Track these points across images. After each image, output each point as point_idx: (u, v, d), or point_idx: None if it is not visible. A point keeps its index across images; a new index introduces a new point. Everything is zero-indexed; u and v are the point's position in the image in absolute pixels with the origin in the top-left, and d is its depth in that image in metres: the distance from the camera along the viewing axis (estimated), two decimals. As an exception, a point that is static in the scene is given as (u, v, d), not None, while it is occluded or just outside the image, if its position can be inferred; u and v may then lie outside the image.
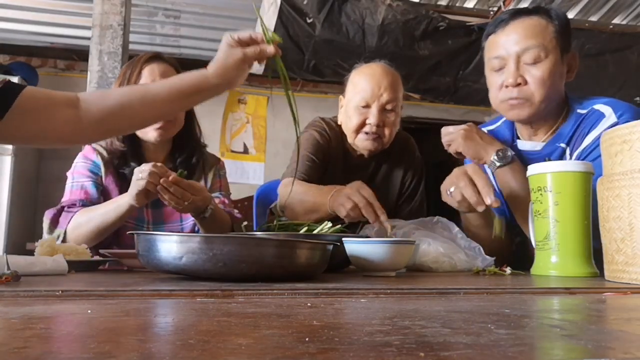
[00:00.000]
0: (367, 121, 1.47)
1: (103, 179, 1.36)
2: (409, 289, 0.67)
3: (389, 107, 1.47)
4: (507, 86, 1.24)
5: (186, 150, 1.45)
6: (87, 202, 1.31)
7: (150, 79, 1.33)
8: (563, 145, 1.27)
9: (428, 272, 1.09)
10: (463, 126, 1.28)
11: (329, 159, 1.57)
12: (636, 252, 0.79)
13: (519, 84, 1.23)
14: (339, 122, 1.62)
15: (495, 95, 1.29)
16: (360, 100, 1.48)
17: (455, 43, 3.53)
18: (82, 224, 1.23)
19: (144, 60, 1.36)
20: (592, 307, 0.56)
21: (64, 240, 1.23)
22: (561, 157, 1.26)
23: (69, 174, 1.38)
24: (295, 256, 0.76)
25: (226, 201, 1.48)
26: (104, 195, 1.36)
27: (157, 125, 1.32)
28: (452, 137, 1.29)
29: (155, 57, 1.39)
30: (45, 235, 1.25)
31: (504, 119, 1.41)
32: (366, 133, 1.49)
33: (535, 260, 1.04)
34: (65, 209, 1.28)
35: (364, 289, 0.65)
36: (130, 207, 1.20)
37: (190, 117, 1.47)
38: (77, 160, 1.39)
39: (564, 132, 1.27)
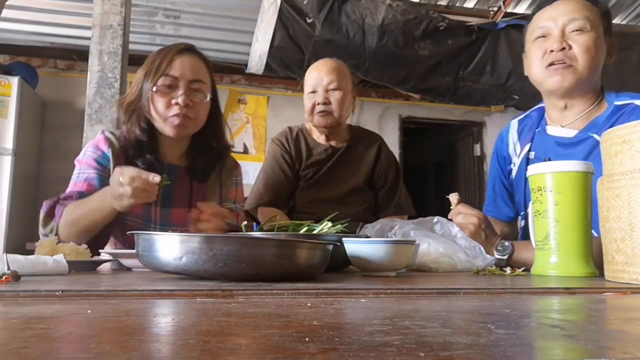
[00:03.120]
0: (316, 102, 1.74)
1: (111, 171, 1.29)
2: (409, 289, 0.67)
3: (331, 87, 1.74)
4: (552, 51, 1.24)
5: (205, 151, 1.39)
6: (87, 195, 1.25)
7: (180, 71, 1.29)
8: (596, 136, 1.23)
9: (428, 272, 1.09)
10: (472, 220, 1.21)
11: (294, 158, 1.82)
12: (636, 252, 0.79)
13: (563, 49, 1.22)
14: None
15: (538, 63, 1.27)
16: (309, 88, 1.78)
17: (455, 43, 3.53)
18: (71, 222, 1.19)
19: (177, 51, 1.31)
20: (592, 307, 0.56)
21: (57, 235, 1.20)
22: (593, 148, 1.23)
23: (76, 162, 1.34)
24: (295, 256, 0.76)
25: (240, 214, 1.45)
26: None
27: (175, 122, 1.28)
28: (461, 227, 1.22)
29: (189, 50, 1.35)
30: (40, 227, 1.22)
31: (534, 107, 1.41)
32: (318, 112, 1.74)
33: (535, 260, 1.04)
34: (60, 201, 1.24)
35: (364, 289, 0.65)
36: (115, 211, 1.16)
37: (215, 115, 1.40)
38: (86, 148, 1.34)
39: (599, 121, 1.25)
